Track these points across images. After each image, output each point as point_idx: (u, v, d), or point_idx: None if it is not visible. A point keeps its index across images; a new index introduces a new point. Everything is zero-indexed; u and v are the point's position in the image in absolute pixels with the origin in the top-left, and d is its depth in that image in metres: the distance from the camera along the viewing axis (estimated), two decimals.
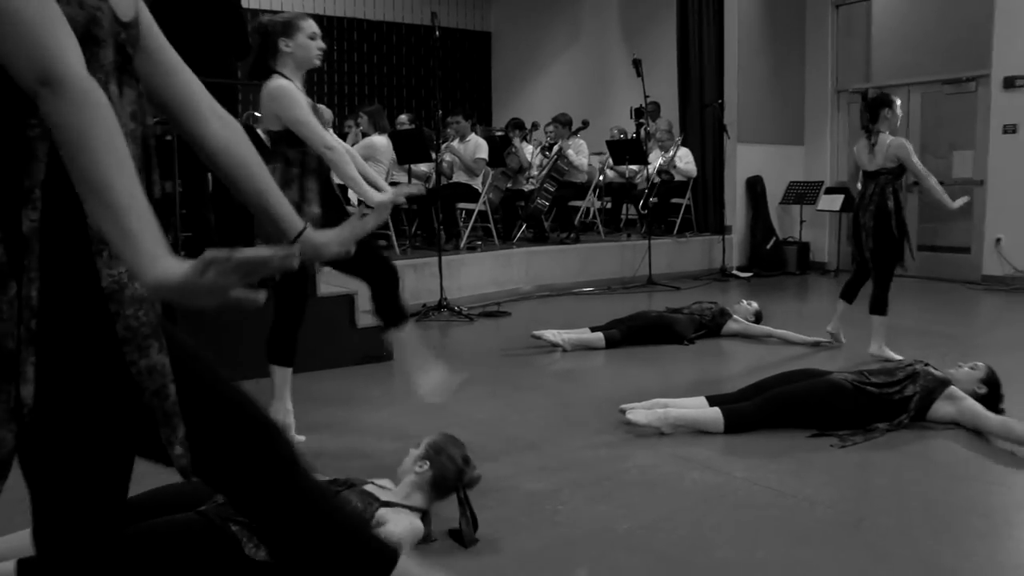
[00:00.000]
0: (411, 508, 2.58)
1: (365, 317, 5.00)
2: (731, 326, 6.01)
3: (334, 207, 3.58)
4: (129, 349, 1.33)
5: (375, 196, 3.45)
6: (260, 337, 3.69)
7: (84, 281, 1.31)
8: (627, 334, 5.78)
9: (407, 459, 2.72)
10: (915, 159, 5.19)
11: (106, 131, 1.20)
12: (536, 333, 5.69)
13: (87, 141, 1.18)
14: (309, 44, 3.52)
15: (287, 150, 3.48)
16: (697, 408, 3.89)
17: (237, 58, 5.42)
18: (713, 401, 3.93)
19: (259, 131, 7.80)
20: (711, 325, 5.99)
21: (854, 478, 3.30)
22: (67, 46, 1.21)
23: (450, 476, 2.65)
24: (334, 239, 1.79)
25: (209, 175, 5.47)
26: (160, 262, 1.17)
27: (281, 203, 1.71)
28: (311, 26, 3.55)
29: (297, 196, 3.45)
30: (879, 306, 5.25)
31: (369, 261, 3.54)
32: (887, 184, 5.22)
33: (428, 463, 2.65)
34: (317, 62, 3.59)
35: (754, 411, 3.81)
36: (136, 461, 1.50)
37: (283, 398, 3.67)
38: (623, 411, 3.91)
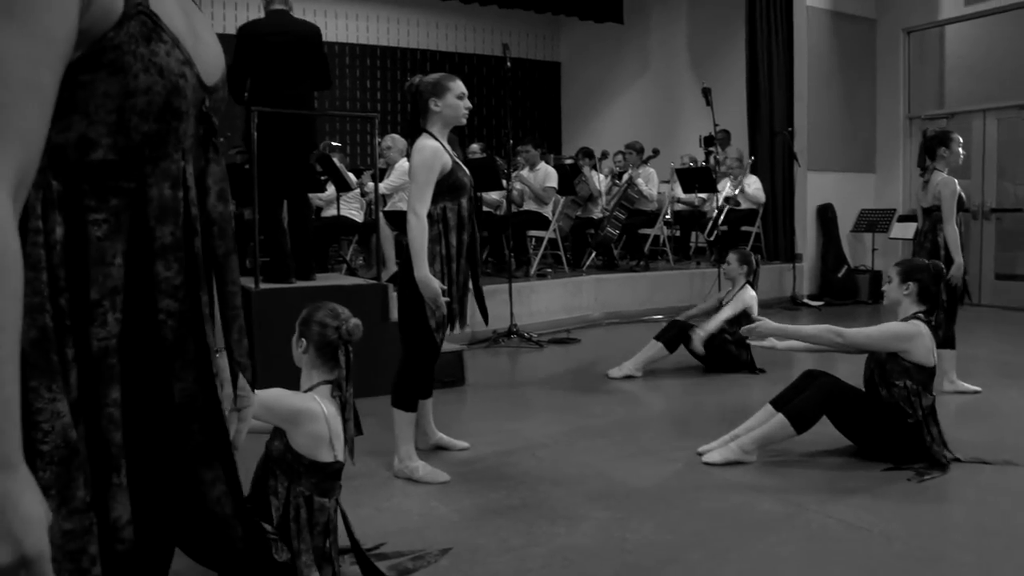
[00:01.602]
0: (314, 386, 2.58)
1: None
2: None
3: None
4: (191, 463, 1.22)
5: (427, 275, 3.49)
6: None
7: (156, 397, 1.17)
8: (681, 334, 5.77)
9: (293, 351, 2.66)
10: (950, 200, 5.10)
11: None
12: (610, 374, 5.72)
13: None
14: (457, 104, 3.65)
15: (432, 206, 3.56)
16: (764, 421, 3.88)
17: (318, 88, 5.60)
18: (777, 407, 3.89)
19: (335, 160, 8.02)
20: None
21: (931, 512, 3.25)
22: (8, 152, 0.92)
23: (331, 337, 2.57)
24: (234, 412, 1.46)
25: (285, 203, 5.63)
26: (10, 472, 0.89)
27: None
28: (459, 87, 3.68)
29: (444, 250, 3.58)
30: (946, 341, 5.15)
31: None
32: (938, 221, 5.16)
33: (303, 339, 2.60)
34: (463, 120, 3.71)
35: (811, 402, 3.76)
36: None
37: (406, 443, 3.69)
38: (700, 454, 3.91)
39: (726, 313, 5.68)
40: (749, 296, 5.75)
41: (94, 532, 1.06)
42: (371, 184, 7.27)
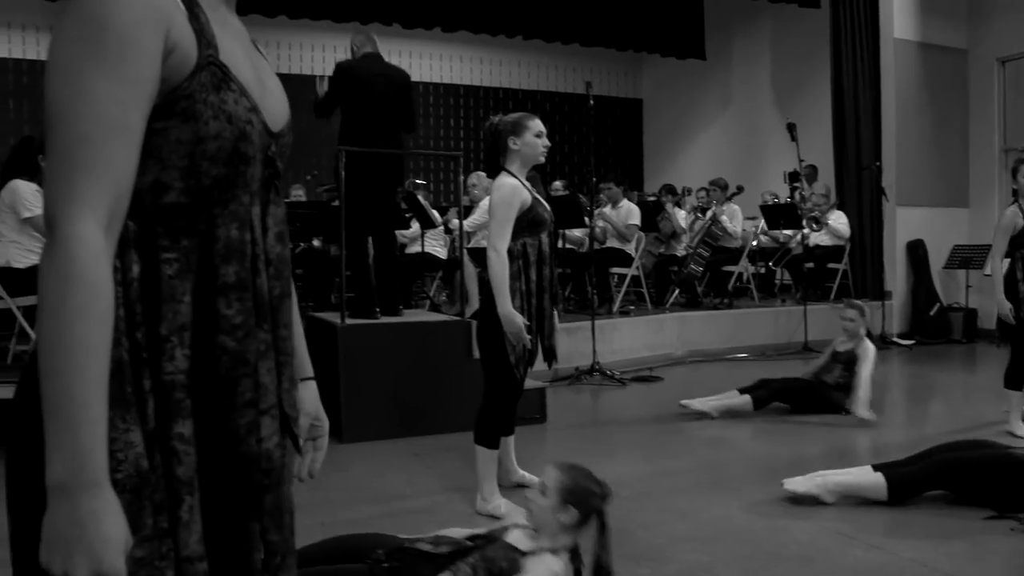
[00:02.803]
0: (558, 550, 2.51)
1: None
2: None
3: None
4: (239, 511, 1.20)
5: (510, 311, 3.50)
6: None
7: (222, 443, 1.18)
8: (775, 394, 5.69)
9: (539, 509, 2.56)
10: (1000, 232, 4.94)
11: (84, 323, 0.98)
12: (684, 403, 5.66)
13: (58, 327, 0.98)
14: (536, 142, 3.71)
15: (513, 242, 3.61)
16: (859, 475, 3.77)
17: (406, 131, 5.71)
18: (878, 468, 3.79)
19: (419, 197, 8.15)
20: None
21: None
22: (100, 187, 1.01)
23: (596, 508, 2.51)
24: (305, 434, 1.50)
25: (370, 240, 5.73)
26: (96, 492, 0.97)
27: (299, 339, 1.49)
28: (537, 125, 3.74)
29: (524, 286, 3.62)
30: (1013, 380, 4.95)
31: None
32: (1015, 251, 4.98)
33: (573, 508, 2.51)
34: (542, 159, 3.76)
35: (920, 475, 3.65)
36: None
37: (489, 480, 3.70)
38: (783, 485, 3.83)
39: (867, 371, 5.50)
40: (873, 348, 5.63)
41: (170, 559, 1.09)
42: (455, 221, 7.36)
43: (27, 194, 5.57)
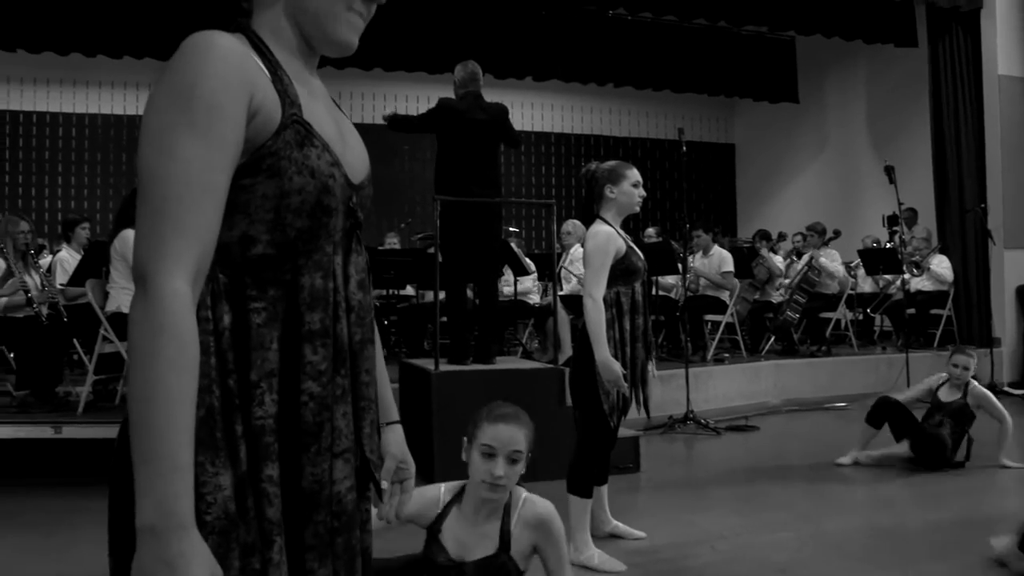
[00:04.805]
0: None
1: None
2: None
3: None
4: (310, 556, 1.21)
5: (608, 358, 3.49)
6: None
7: (301, 485, 1.20)
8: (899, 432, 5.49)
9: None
10: None
11: (175, 374, 1.03)
12: (838, 462, 5.53)
13: (151, 378, 1.02)
14: (632, 192, 3.73)
15: (607, 291, 3.62)
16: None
17: (512, 148, 5.77)
18: None
19: (512, 244, 8.22)
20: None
21: None
22: (188, 244, 1.07)
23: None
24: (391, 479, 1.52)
25: (469, 288, 5.79)
26: (183, 534, 1.01)
27: (384, 385, 1.52)
28: (635, 175, 3.76)
29: (618, 335, 3.62)
30: None
31: None
32: None
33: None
34: (637, 208, 3.78)
35: None
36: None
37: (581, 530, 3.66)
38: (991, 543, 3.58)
39: (1007, 415, 5.33)
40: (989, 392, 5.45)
41: None
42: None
43: None
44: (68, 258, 7.04)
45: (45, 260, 7.49)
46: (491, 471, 2.42)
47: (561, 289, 7.86)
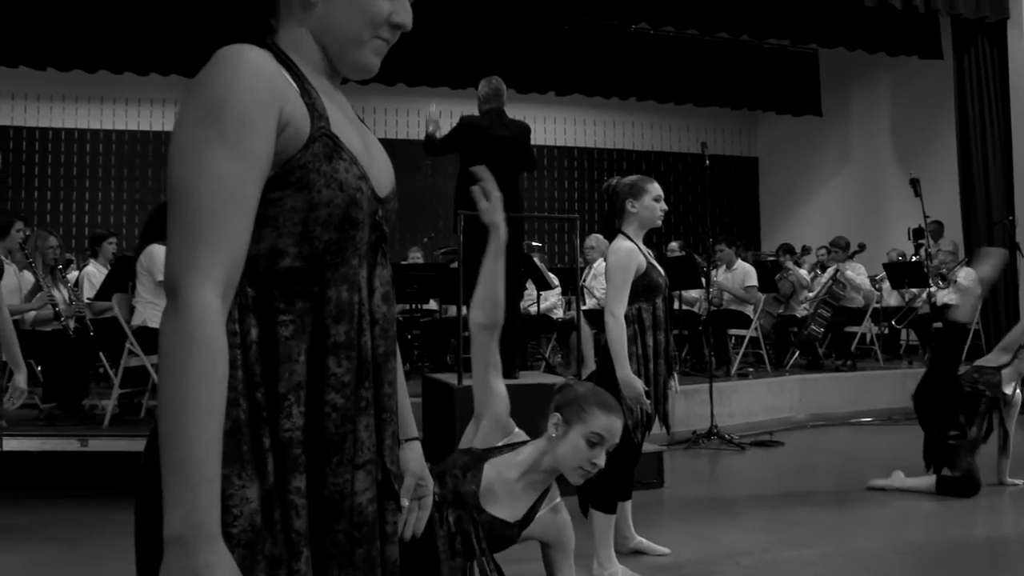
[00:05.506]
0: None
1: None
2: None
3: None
4: (330, 564, 1.21)
5: (629, 375, 3.48)
6: None
7: (324, 496, 1.21)
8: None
9: None
10: None
11: (206, 385, 1.05)
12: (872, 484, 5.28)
13: (181, 389, 1.05)
14: (654, 206, 3.72)
15: (628, 307, 3.61)
16: None
17: (526, 171, 5.77)
18: None
19: (535, 259, 8.23)
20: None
21: None
22: (219, 257, 1.08)
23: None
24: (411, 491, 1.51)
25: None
26: (210, 546, 1.03)
27: (403, 401, 1.49)
28: (656, 189, 3.75)
29: (640, 351, 3.61)
30: None
31: None
32: None
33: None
34: (659, 222, 3.77)
35: None
36: None
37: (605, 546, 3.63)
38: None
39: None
40: None
41: None
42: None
43: (163, 258, 5.84)
44: (95, 273, 7.12)
45: (72, 275, 7.56)
46: (593, 459, 2.47)
47: (584, 304, 7.85)
